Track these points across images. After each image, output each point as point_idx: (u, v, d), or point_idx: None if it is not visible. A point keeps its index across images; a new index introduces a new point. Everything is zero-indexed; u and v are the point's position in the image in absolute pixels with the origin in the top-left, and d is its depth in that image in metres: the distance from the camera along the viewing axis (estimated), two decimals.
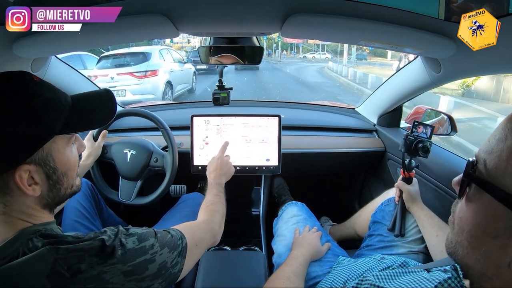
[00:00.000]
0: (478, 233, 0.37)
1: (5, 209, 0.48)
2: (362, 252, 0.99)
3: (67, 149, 0.54)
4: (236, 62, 1.10)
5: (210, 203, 0.88)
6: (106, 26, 0.74)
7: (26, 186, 0.47)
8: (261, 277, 0.94)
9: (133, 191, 1.19)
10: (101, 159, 1.19)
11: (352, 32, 0.77)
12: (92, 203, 1.16)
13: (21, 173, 0.47)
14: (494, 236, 0.35)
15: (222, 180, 1.00)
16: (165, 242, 0.58)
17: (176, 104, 1.84)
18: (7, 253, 0.45)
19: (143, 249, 0.53)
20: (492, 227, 0.35)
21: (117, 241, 0.50)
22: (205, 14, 0.76)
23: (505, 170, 0.34)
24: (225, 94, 1.24)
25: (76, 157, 0.57)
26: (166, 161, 1.18)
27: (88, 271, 0.46)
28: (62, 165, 0.52)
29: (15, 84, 0.48)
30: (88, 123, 0.57)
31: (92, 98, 0.58)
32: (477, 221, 0.37)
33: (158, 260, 0.54)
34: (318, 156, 1.45)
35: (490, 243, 0.35)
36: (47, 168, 0.50)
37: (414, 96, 1.25)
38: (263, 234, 1.28)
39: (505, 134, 0.35)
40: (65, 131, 0.51)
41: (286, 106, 1.80)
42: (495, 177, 0.35)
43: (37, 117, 0.47)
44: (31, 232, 0.48)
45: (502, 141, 0.35)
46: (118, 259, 0.49)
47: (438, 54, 0.85)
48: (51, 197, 0.53)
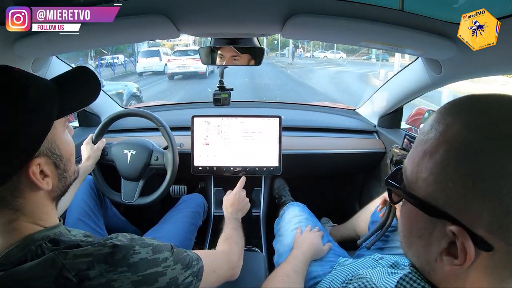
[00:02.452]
0: (407, 233, 0.40)
1: (15, 215, 0.47)
2: (362, 252, 0.99)
3: (65, 133, 0.53)
4: (236, 63, 1.10)
5: (229, 235, 0.87)
6: (107, 27, 0.74)
7: (41, 180, 0.47)
8: (261, 277, 0.93)
9: (135, 191, 1.19)
10: (101, 161, 1.19)
11: (353, 33, 0.78)
12: (97, 202, 1.17)
13: (33, 169, 0.45)
14: (418, 236, 0.38)
15: (239, 215, 1.00)
16: (180, 259, 0.56)
17: (177, 105, 1.84)
18: (16, 257, 0.45)
19: (156, 261, 0.52)
20: (415, 228, 0.38)
21: (130, 248, 0.49)
22: (206, 15, 0.76)
23: (417, 175, 0.37)
24: (226, 94, 1.24)
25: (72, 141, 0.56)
26: (166, 159, 1.18)
27: (97, 278, 0.45)
28: (65, 151, 0.52)
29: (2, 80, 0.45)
30: (81, 101, 0.55)
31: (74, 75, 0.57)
32: (404, 222, 0.41)
33: (169, 275, 0.53)
34: (319, 157, 1.45)
35: (417, 243, 0.39)
36: (55, 157, 0.49)
37: (414, 97, 1.25)
38: (263, 235, 1.28)
39: (418, 139, 0.38)
40: (63, 114, 0.50)
41: (287, 107, 1.80)
42: (411, 183, 0.38)
43: (35, 107, 0.46)
44: (40, 238, 0.47)
45: (416, 147, 0.38)
46: (128, 267, 0.47)
47: (438, 55, 0.85)
48: (60, 187, 0.52)
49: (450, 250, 0.35)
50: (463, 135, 0.33)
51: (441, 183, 0.34)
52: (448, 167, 0.33)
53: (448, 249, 0.35)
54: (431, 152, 0.35)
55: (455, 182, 0.33)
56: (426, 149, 0.36)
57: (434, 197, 0.35)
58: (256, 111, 1.69)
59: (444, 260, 0.35)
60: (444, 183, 0.34)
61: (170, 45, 16.66)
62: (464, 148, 0.33)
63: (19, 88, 0.45)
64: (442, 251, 0.35)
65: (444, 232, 0.34)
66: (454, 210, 0.33)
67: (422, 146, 0.37)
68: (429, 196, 0.35)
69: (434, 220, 0.35)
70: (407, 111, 1.49)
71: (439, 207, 0.34)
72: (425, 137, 0.37)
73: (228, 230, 0.90)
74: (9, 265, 0.44)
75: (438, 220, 0.35)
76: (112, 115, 1.20)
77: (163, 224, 1.17)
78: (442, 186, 0.34)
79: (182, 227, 1.15)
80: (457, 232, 0.33)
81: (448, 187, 0.33)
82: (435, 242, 0.36)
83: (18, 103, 0.44)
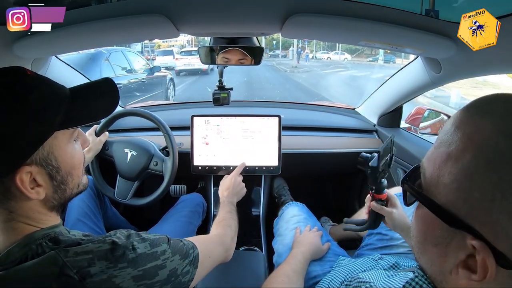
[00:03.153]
0: (422, 239, 0.37)
1: (11, 216, 0.46)
2: (362, 252, 0.99)
3: (70, 145, 0.50)
4: (236, 63, 1.10)
5: (222, 218, 0.89)
6: (106, 26, 0.74)
7: (29, 190, 0.45)
8: (261, 277, 0.94)
9: (129, 191, 1.19)
10: (101, 155, 1.19)
11: (352, 32, 0.78)
12: (97, 202, 1.17)
13: (22, 176, 0.44)
14: (434, 244, 0.35)
15: (234, 199, 1.02)
16: (177, 249, 0.57)
17: (176, 104, 1.84)
18: (16, 256, 0.45)
19: (155, 254, 0.52)
20: (431, 235, 0.35)
21: (129, 245, 0.49)
22: (205, 15, 0.76)
23: (438, 179, 0.34)
24: (225, 94, 1.24)
25: (81, 154, 0.54)
26: (166, 166, 1.17)
27: (98, 275, 0.45)
28: (66, 164, 0.49)
29: (7, 80, 0.45)
30: (91, 115, 0.52)
31: (92, 87, 0.55)
32: (419, 227, 0.38)
33: (168, 267, 0.53)
34: (318, 156, 1.45)
35: (432, 251, 0.36)
36: (50, 168, 0.47)
37: (414, 96, 1.25)
38: (263, 234, 1.28)
39: (440, 139, 0.35)
40: (66, 126, 0.48)
41: (286, 106, 1.80)
42: (430, 186, 0.35)
43: (34, 113, 0.44)
44: (40, 237, 0.47)
45: (437, 148, 0.35)
46: (128, 263, 0.48)
47: (438, 54, 0.85)
48: (57, 199, 0.50)
49: (468, 263, 0.32)
50: (495, 141, 0.30)
51: (465, 191, 0.31)
52: (476, 174, 0.30)
53: (466, 261, 0.32)
54: (456, 156, 0.32)
55: (481, 192, 0.30)
56: (451, 152, 0.33)
57: (455, 206, 0.32)
58: (256, 110, 1.69)
59: (460, 273, 0.33)
60: (469, 192, 0.31)
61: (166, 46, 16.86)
62: (495, 156, 0.30)
63: (21, 91, 0.44)
64: (459, 264, 0.33)
65: (463, 244, 0.32)
66: (477, 222, 0.30)
67: (445, 148, 0.34)
68: (450, 204, 0.32)
69: (453, 230, 0.32)
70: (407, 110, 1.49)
71: (461, 217, 0.31)
72: (450, 138, 0.33)
73: (222, 214, 0.91)
74: (10, 263, 0.44)
75: (457, 231, 0.32)
76: (121, 111, 1.21)
77: (162, 224, 1.17)
78: (466, 195, 0.31)
79: (182, 226, 1.15)
80: (478, 247, 0.30)
81: (474, 197, 0.30)
82: (452, 253, 0.33)
83: (16, 105, 0.43)
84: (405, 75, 1.21)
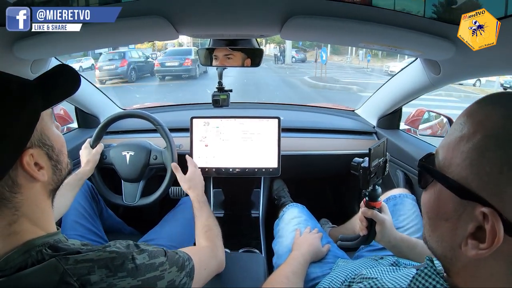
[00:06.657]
0: (433, 215, 0.42)
1: (16, 216, 0.46)
2: (362, 253, 0.99)
3: (53, 125, 0.53)
4: (231, 62, 1.10)
5: (207, 228, 0.89)
6: (106, 28, 0.74)
7: (36, 171, 0.47)
8: (260, 279, 0.93)
9: (136, 192, 1.19)
10: (101, 165, 1.18)
11: (351, 34, 0.78)
12: (92, 204, 1.16)
13: (26, 159, 0.46)
14: (446, 218, 0.39)
15: (201, 191, 1.03)
16: (174, 261, 0.58)
17: (176, 106, 1.84)
18: (15, 262, 0.44)
19: (154, 265, 0.53)
20: (443, 209, 0.40)
21: (128, 255, 0.50)
22: (205, 16, 0.76)
23: (451, 160, 0.39)
24: (225, 96, 1.24)
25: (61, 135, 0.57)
26: (165, 157, 1.17)
27: (98, 283, 0.45)
28: (57, 142, 0.52)
29: None
30: (65, 90, 0.55)
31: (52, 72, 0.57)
32: (431, 204, 0.42)
33: (167, 278, 0.55)
34: (318, 158, 1.45)
35: (443, 225, 0.40)
36: (46, 147, 0.50)
37: (413, 98, 1.25)
38: (262, 236, 1.27)
39: (453, 128, 0.40)
40: (48, 105, 0.51)
41: (286, 108, 1.80)
42: (444, 166, 0.40)
43: (21, 100, 0.46)
44: (40, 244, 0.47)
45: (450, 135, 0.40)
46: (128, 273, 0.49)
47: (437, 56, 0.85)
48: (55, 180, 0.52)
49: (476, 235, 0.36)
50: (502, 123, 0.35)
51: (477, 166, 0.36)
52: (487, 151, 0.35)
53: (475, 233, 0.36)
54: (468, 137, 0.37)
55: (491, 166, 0.34)
56: (463, 134, 0.38)
57: (467, 180, 0.36)
58: (255, 112, 1.69)
59: (469, 244, 0.36)
60: (480, 166, 0.35)
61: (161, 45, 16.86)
62: (503, 136, 0.35)
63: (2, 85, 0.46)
64: (469, 235, 0.36)
65: (472, 215, 0.36)
66: (487, 193, 0.35)
67: (458, 133, 0.38)
68: (462, 180, 0.37)
69: (465, 203, 0.37)
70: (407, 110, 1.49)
71: (473, 190, 0.36)
72: (462, 125, 0.38)
73: (203, 221, 0.92)
74: (9, 270, 0.44)
75: (468, 202, 0.36)
76: (108, 117, 1.20)
77: (162, 226, 1.17)
78: (477, 169, 0.35)
79: (182, 228, 1.15)
80: (488, 213, 0.34)
81: (484, 170, 0.35)
82: (462, 226, 0.37)
83: (5, 98, 0.45)
84: (404, 77, 1.22)
